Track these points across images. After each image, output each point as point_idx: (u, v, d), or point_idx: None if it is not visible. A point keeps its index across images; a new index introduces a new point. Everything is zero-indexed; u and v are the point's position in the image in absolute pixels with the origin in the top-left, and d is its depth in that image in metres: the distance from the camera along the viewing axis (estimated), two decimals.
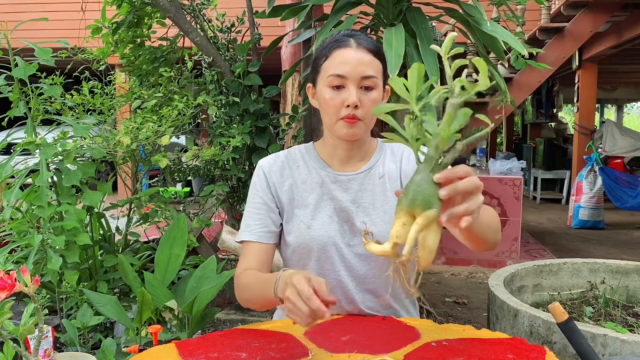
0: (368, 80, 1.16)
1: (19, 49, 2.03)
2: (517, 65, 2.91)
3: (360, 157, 1.27)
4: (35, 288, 1.01)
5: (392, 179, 1.27)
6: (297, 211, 1.26)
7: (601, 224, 5.95)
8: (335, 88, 1.17)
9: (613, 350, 1.35)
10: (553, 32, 4.98)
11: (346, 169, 1.27)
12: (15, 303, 2.15)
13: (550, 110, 9.01)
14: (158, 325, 1.45)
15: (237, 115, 2.77)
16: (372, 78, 1.17)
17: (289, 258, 1.29)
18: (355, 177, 1.26)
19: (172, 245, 2.11)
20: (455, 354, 0.99)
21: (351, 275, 1.25)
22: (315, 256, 1.24)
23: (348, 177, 1.26)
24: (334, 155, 1.27)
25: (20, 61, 1.97)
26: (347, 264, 1.24)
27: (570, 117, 15.63)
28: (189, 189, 6.94)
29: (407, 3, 2.36)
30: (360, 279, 1.25)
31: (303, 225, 1.25)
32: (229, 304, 2.86)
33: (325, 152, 1.29)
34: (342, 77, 1.16)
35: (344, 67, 1.16)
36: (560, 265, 2.07)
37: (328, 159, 1.28)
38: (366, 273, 1.25)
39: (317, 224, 1.24)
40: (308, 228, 1.24)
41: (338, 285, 1.25)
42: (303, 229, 1.24)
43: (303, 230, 1.24)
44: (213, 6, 3.09)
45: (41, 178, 1.93)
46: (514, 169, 4.50)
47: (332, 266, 1.25)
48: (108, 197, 2.46)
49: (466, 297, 3.60)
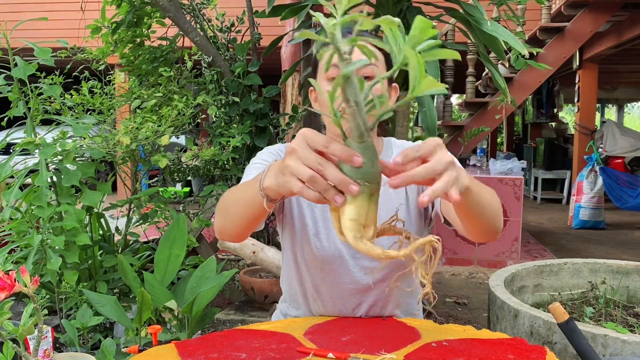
0: (367, 67, 1.09)
1: (19, 48, 2.03)
2: (517, 65, 2.91)
3: None
4: (35, 288, 1.00)
5: None
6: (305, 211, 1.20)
7: (602, 224, 5.94)
8: (331, 80, 1.11)
9: (613, 351, 1.35)
10: (553, 32, 4.97)
11: None
12: (15, 303, 2.15)
13: (550, 110, 9.00)
14: (158, 326, 1.44)
15: (237, 115, 2.77)
16: (371, 66, 1.09)
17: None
18: None
19: (172, 245, 2.11)
20: (455, 354, 0.99)
21: (354, 289, 1.21)
22: (319, 265, 1.20)
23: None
24: None
25: (20, 61, 1.96)
26: (351, 277, 1.20)
27: (570, 117, 15.63)
28: (188, 189, 6.94)
29: (408, 2, 2.35)
30: (364, 292, 1.21)
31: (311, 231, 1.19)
32: (228, 304, 2.86)
33: None
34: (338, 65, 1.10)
35: None
36: (560, 266, 2.07)
37: None
38: (370, 287, 1.20)
39: (323, 234, 1.18)
40: (315, 237, 1.18)
41: (339, 297, 1.22)
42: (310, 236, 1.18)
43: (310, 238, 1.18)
44: (213, 6, 3.09)
45: (41, 178, 1.93)
46: (515, 169, 4.50)
47: (335, 277, 1.20)
48: (107, 197, 2.45)
49: (466, 298, 3.59)
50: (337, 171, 0.67)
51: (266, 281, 2.63)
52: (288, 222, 1.22)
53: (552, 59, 4.84)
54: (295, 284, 1.26)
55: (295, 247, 1.22)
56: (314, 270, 1.21)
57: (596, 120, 8.26)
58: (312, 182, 0.68)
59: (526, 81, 4.89)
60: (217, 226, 1.05)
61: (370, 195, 0.67)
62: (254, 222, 0.98)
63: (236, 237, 1.03)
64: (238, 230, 1.01)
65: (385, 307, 1.23)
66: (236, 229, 1.00)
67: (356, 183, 0.66)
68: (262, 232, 3.10)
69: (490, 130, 4.95)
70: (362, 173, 0.66)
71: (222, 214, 1.02)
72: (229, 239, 1.06)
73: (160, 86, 2.84)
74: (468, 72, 5.14)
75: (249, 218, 0.96)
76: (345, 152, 0.66)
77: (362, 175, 0.66)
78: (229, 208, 1.00)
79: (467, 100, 5.16)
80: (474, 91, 5.21)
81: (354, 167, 0.66)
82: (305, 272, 1.23)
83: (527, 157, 8.43)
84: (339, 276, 1.19)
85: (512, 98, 4.23)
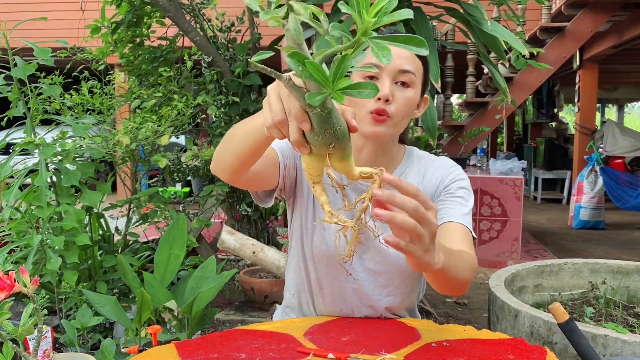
0: (405, 75, 1.08)
1: (18, 48, 2.03)
2: (517, 65, 2.91)
3: (384, 165, 1.17)
4: (35, 288, 1.00)
5: None
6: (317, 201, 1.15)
7: (602, 224, 5.94)
8: (368, 79, 1.08)
9: (614, 351, 1.35)
10: (554, 32, 4.97)
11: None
12: (15, 303, 2.15)
13: (551, 110, 9.00)
14: (157, 326, 1.44)
15: (236, 115, 2.77)
16: (409, 74, 1.08)
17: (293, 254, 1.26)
18: None
19: (172, 245, 2.11)
20: (455, 354, 0.99)
21: (356, 289, 1.20)
22: (324, 260, 1.19)
23: (367, 187, 1.18)
24: (357, 159, 1.16)
25: (20, 61, 1.96)
26: (354, 277, 1.19)
27: (571, 117, 15.64)
28: (188, 189, 6.94)
29: (408, 3, 2.35)
30: (365, 294, 1.20)
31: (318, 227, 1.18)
32: (228, 304, 2.86)
33: None
34: (377, 66, 1.06)
35: None
36: (561, 266, 2.07)
37: None
38: (372, 290, 1.20)
39: (330, 232, 1.17)
40: (324, 229, 1.17)
41: (340, 296, 1.21)
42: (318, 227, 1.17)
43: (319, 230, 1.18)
44: (213, 5, 3.09)
45: (40, 178, 1.93)
46: (515, 169, 4.50)
47: (337, 274, 1.19)
48: (107, 197, 2.45)
49: (467, 298, 3.59)
50: (296, 131, 0.71)
51: (266, 281, 2.63)
52: (298, 209, 1.21)
53: (553, 58, 4.84)
54: (301, 275, 1.25)
55: (303, 238, 1.22)
56: (319, 265, 1.20)
57: (596, 120, 8.26)
58: (279, 126, 0.73)
59: (526, 81, 4.89)
60: (215, 155, 1.04)
61: (320, 155, 0.73)
62: (252, 155, 0.96)
63: (230, 168, 1.01)
64: (234, 160, 0.98)
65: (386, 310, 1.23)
66: (232, 158, 0.98)
67: (306, 146, 0.72)
68: (262, 232, 3.10)
69: (491, 130, 4.95)
70: (311, 139, 0.71)
71: (223, 144, 1.02)
72: (221, 171, 1.04)
73: (160, 86, 2.84)
74: (468, 72, 5.14)
75: (250, 145, 0.94)
76: (296, 115, 0.69)
77: (311, 141, 0.71)
78: (232, 136, 0.99)
79: (467, 100, 5.16)
80: (474, 91, 5.21)
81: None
82: (310, 264, 1.22)
83: (527, 157, 8.43)
84: (343, 274, 1.18)
85: (512, 98, 4.22)
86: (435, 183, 1.19)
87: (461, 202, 1.15)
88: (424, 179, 1.20)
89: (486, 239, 4.31)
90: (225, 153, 1.00)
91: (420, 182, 1.20)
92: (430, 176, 1.20)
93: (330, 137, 0.70)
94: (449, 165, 1.22)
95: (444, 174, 1.20)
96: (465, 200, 1.16)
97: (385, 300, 1.21)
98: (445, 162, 1.23)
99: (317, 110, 0.67)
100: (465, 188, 1.18)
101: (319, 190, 0.77)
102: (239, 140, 0.96)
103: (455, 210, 1.13)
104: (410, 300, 1.26)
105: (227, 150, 1.00)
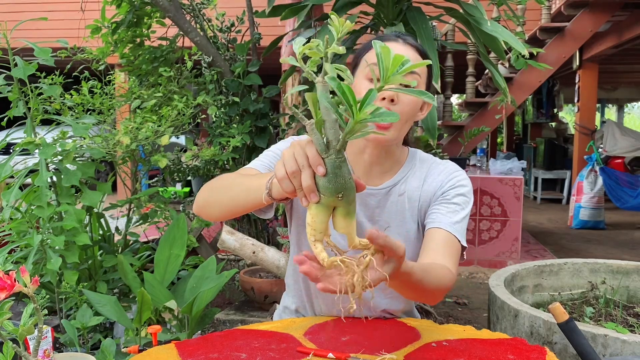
0: (410, 76, 1.07)
1: (19, 48, 2.03)
2: (517, 65, 2.91)
3: (386, 167, 1.18)
4: (35, 288, 1.00)
5: (411, 199, 1.18)
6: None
7: (602, 224, 5.94)
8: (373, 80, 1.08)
9: (614, 351, 1.35)
10: (553, 32, 4.97)
11: (369, 180, 1.18)
12: (15, 303, 2.15)
13: (550, 110, 9.00)
14: (158, 326, 1.44)
15: (236, 115, 2.77)
16: (414, 74, 1.08)
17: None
18: (375, 193, 1.17)
19: (172, 245, 2.11)
20: (455, 354, 0.99)
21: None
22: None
23: (368, 192, 1.17)
24: (360, 160, 1.18)
25: (20, 61, 1.96)
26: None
27: (570, 117, 15.64)
28: (188, 189, 6.94)
29: (408, 3, 2.35)
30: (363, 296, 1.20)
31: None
32: (228, 304, 2.86)
33: (349, 156, 1.19)
34: None
35: None
36: (560, 266, 2.07)
37: (352, 165, 1.18)
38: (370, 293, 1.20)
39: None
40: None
41: (338, 299, 1.21)
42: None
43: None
44: (213, 6, 3.09)
45: (40, 178, 1.93)
46: (515, 169, 4.49)
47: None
48: (107, 197, 2.45)
49: (466, 298, 3.59)
50: (309, 178, 0.74)
51: (266, 281, 2.63)
52: (294, 219, 1.22)
53: (552, 58, 4.83)
54: (300, 279, 1.25)
55: (302, 247, 1.22)
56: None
57: (596, 120, 8.26)
58: (292, 176, 0.76)
59: (526, 81, 4.89)
60: (202, 201, 1.05)
61: (327, 207, 0.75)
62: (243, 212, 0.99)
63: (217, 218, 1.04)
64: (224, 213, 1.01)
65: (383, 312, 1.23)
66: (222, 212, 1.02)
67: (316, 193, 0.74)
68: (262, 232, 3.10)
69: (490, 130, 4.95)
70: (321, 185, 0.74)
71: (211, 192, 1.03)
72: (206, 217, 1.06)
73: (160, 86, 2.84)
74: (468, 72, 5.14)
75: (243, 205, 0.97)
76: (313, 159, 0.74)
77: (321, 188, 0.74)
78: (223, 189, 1.01)
79: (467, 100, 5.16)
80: (474, 91, 5.21)
81: (320, 176, 0.74)
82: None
83: (527, 157, 8.43)
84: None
85: (512, 98, 4.23)
86: (435, 187, 1.18)
87: (455, 209, 1.14)
88: (424, 183, 1.19)
89: (486, 239, 4.31)
90: (214, 205, 1.03)
91: (420, 186, 1.19)
92: (432, 181, 1.19)
93: (341, 185, 0.73)
94: (451, 171, 1.20)
95: (444, 179, 1.18)
96: (460, 208, 1.14)
97: (383, 302, 1.21)
98: (449, 167, 1.21)
99: (332, 157, 0.72)
100: (464, 195, 1.16)
101: (320, 248, 0.77)
102: (231, 196, 0.99)
103: (446, 217, 1.12)
104: (408, 303, 1.27)
105: (216, 203, 1.02)
